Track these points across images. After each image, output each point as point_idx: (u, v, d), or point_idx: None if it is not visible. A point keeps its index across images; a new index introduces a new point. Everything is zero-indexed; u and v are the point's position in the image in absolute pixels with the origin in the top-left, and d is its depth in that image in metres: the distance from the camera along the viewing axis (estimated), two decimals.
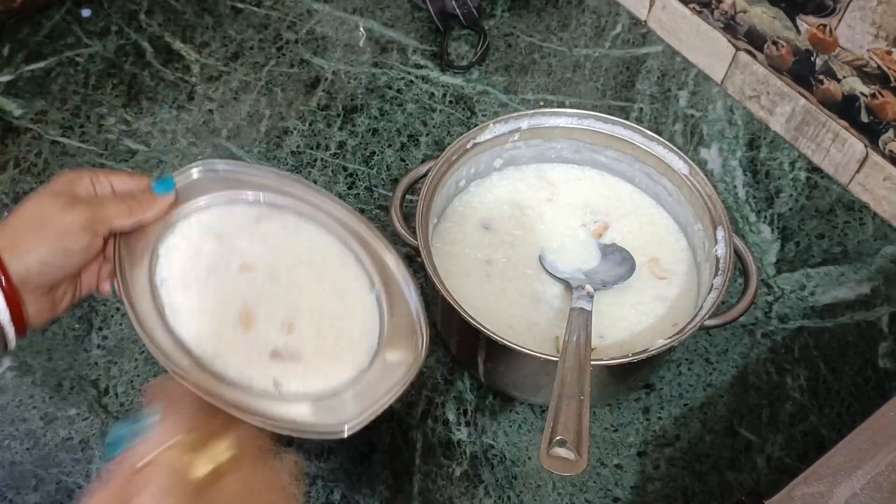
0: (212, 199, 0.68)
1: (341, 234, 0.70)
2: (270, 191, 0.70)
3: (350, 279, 0.68)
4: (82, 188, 0.61)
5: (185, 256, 0.65)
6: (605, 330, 0.76)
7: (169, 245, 0.65)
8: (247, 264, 0.66)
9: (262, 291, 0.65)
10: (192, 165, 0.69)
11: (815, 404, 0.79)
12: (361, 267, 0.69)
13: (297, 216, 0.70)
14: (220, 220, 0.68)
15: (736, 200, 0.92)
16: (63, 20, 1.04)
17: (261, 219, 0.69)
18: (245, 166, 0.70)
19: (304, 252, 0.68)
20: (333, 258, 0.69)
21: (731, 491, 0.74)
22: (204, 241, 0.66)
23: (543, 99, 1.00)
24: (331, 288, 0.67)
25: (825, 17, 0.87)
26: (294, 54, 1.02)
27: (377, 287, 0.68)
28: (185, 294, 0.63)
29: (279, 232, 0.69)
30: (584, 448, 0.60)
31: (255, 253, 0.67)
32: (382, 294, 0.68)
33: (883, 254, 0.88)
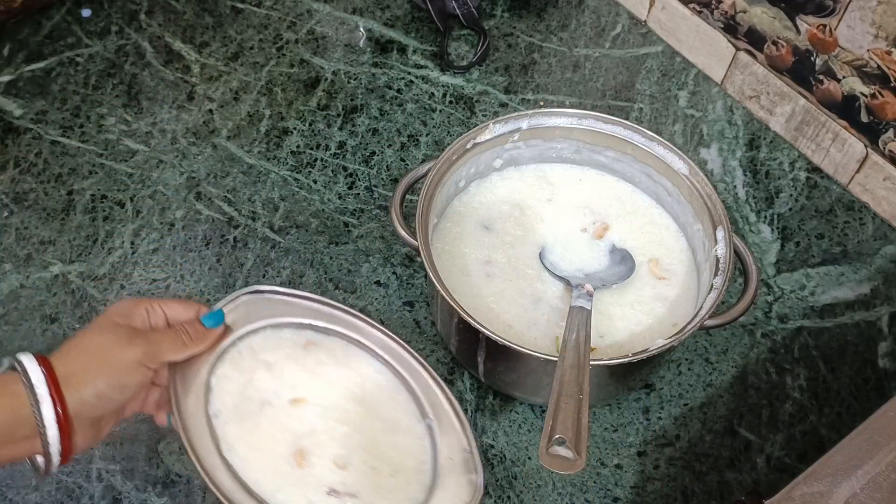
0: (259, 324, 0.70)
1: (388, 361, 0.71)
2: (316, 315, 0.71)
3: (401, 410, 0.69)
4: (138, 319, 0.62)
5: (237, 387, 0.66)
6: (605, 330, 0.76)
7: (220, 375, 0.66)
8: (298, 398, 0.67)
9: (315, 427, 0.66)
10: (240, 292, 0.70)
11: (815, 404, 0.79)
12: (411, 396, 0.70)
13: (345, 342, 0.71)
14: (269, 348, 0.69)
15: (736, 200, 0.92)
16: (63, 20, 1.04)
17: (309, 345, 0.71)
18: (290, 291, 0.72)
19: (354, 383, 0.70)
20: (383, 388, 0.70)
21: (730, 491, 0.74)
22: (254, 371, 0.68)
23: (543, 99, 1.00)
24: (382, 421, 0.68)
25: (825, 17, 0.87)
26: (294, 54, 1.02)
27: (429, 416, 0.69)
28: (239, 427, 0.64)
29: (328, 360, 0.70)
30: (582, 447, 0.60)
31: (306, 385, 0.68)
32: (434, 424, 0.69)
33: (883, 254, 0.88)
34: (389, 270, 0.86)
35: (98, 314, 0.81)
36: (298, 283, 0.84)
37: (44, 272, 0.84)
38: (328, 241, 0.87)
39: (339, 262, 0.86)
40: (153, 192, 0.90)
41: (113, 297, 0.82)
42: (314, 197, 0.90)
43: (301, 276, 0.85)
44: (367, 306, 0.83)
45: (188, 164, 0.92)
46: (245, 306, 0.70)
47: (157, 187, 0.90)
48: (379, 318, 0.82)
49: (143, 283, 0.84)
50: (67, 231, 0.87)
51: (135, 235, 0.87)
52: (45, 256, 0.85)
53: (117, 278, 0.84)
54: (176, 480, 0.73)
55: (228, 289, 0.84)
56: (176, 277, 0.84)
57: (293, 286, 0.84)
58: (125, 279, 0.84)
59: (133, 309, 0.62)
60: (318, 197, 0.90)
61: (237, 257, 0.86)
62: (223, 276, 0.84)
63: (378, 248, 0.87)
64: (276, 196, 0.90)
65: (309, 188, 0.91)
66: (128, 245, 0.86)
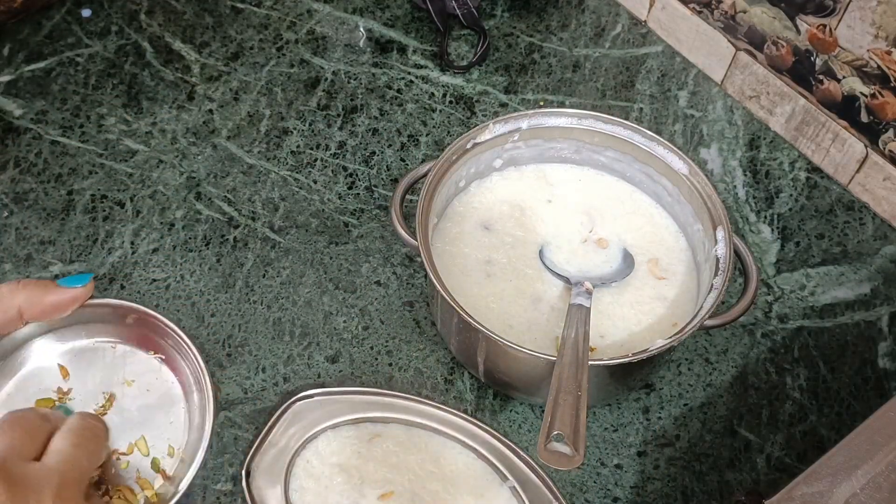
0: (317, 429, 0.71)
1: (451, 435, 0.72)
2: (368, 407, 0.73)
3: (481, 478, 0.71)
4: None
5: (319, 498, 0.67)
6: (604, 330, 0.76)
7: (297, 488, 0.68)
8: (385, 493, 0.69)
9: None
10: (290, 401, 0.72)
11: (815, 404, 0.79)
12: (485, 462, 0.71)
13: (404, 427, 0.73)
14: (336, 450, 0.71)
15: (736, 200, 0.92)
16: (63, 20, 1.04)
17: (374, 438, 0.72)
18: (339, 389, 0.74)
19: (430, 463, 0.71)
20: (457, 461, 0.72)
21: (730, 491, 0.74)
22: (331, 477, 0.69)
23: (543, 99, 1.00)
24: (469, 493, 0.69)
25: (825, 17, 0.87)
26: (294, 54, 1.02)
27: (509, 479, 0.70)
28: None
29: (396, 448, 0.72)
30: (580, 443, 0.61)
31: (387, 479, 0.69)
32: (516, 485, 0.70)
33: (883, 254, 0.88)
34: (389, 270, 0.86)
35: None
36: (298, 283, 0.84)
37: (44, 272, 0.84)
38: (328, 241, 0.87)
39: (339, 262, 0.86)
40: (153, 192, 0.90)
41: (113, 297, 0.82)
42: (314, 197, 0.90)
43: (301, 276, 0.85)
44: (367, 306, 0.83)
45: (188, 164, 0.92)
46: (298, 414, 0.73)
47: (157, 187, 0.90)
48: (379, 318, 0.82)
49: (143, 283, 0.84)
50: (67, 231, 0.87)
51: (135, 235, 0.87)
52: (45, 256, 0.85)
53: (117, 278, 0.84)
54: None
55: (228, 289, 0.84)
56: (176, 277, 0.84)
57: (293, 286, 0.84)
58: (125, 279, 0.84)
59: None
60: (318, 197, 0.90)
61: (237, 257, 0.86)
62: (223, 276, 0.84)
63: (378, 248, 0.87)
64: (276, 196, 0.90)
65: (309, 188, 0.91)
66: (128, 245, 0.86)
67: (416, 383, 0.78)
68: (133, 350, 0.61)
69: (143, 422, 0.59)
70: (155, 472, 0.58)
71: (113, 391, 0.60)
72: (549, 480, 0.71)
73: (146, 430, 0.59)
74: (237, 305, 0.83)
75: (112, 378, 0.60)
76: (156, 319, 0.61)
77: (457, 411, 0.73)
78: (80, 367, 0.60)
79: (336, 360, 0.80)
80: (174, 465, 0.58)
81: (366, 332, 0.82)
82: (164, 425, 0.59)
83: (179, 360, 0.61)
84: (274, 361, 0.80)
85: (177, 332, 0.61)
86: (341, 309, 0.83)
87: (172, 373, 0.61)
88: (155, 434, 0.59)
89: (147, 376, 0.61)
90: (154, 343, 0.62)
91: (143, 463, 0.58)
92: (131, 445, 0.59)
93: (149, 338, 0.61)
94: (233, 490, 0.72)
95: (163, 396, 0.60)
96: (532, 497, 0.70)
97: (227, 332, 0.81)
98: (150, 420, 0.60)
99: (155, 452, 0.59)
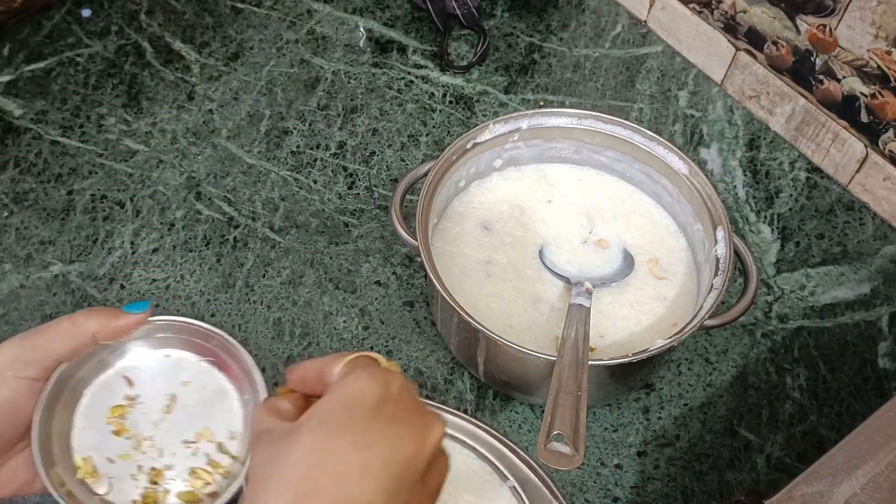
0: None
1: (449, 433, 0.71)
2: None
3: (480, 476, 0.70)
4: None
5: None
6: (604, 330, 0.76)
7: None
8: None
9: None
10: None
11: (815, 404, 0.79)
12: (485, 461, 0.71)
13: None
14: None
15: (736, 200, 0.92)
16: (63, 20, 1.04)
17: None
18: None
19: None
20: (457, 461, 0.70)
21: (730, 491, 0.74)
22: None
23: (543, 99, 1.00)
24: (469, 492, 0.69)
25: (825, 17, 0.87)
26: (294, 54, 1.02)
27: (509, 479, 0.69)
28: None
29: None
30: (580, 443, 0.61)
31: None
32: (515, 484, 0.69)
33: (883, 254, 0.88)
34: (389, 270, 0.86)
35: None
36: (298, 283, 0.84)
37: (44, 272, 0.84)
38: (328, 241, 0.87)
39: (339, 262, 0.86)
40: (153, 192, 0.90)
41: (113, 297, 0.82)
42: (314, 197, 0.90)
43: (301, 276, 0.85)
44: (367, 306, 0.83)
45: (188, 164, 0.92)
46: None
47: (157, 187, 0.90)
48: (379, 318, 0.82)
49: (143, 283, 0.84)
50: (67, 231, 0.87)
51: (135, 235, 0.87)
52: (45, 256, 0.85)
53: (117, 278, 0.84)
54: None
55: (228, 289, 0.84)
56: (176, 277, 0.84)
57: (293, 286, 0.84)
58: (125, 279, 0.84)
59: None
60: (318, 197, 0.90)
61: (237, 257, 0.86)
62: (223, 276, 0.84)
63: (378, 248, 0.87)
64: (276, 196, 0.90)
65: (309, 188, 0.91)
66: (128, 245, 0.86)
67: (416, 383, 0.78)
68: (185, 356, 0.70)
69: (205, 415, 0.67)
70: (222, 454, 0.66)
71: (174, 393, 0.68)
72: (549, 480, 0.71)
73: (208, 421, 0.67)
74: (237, 305, 0.83)
75: (171, 382, 0.68)
76: (201, 328, 0.70)
77: (457, 411, 0.73)
78: (142, 376, 0.68)
79: None
80: (238, 446, 0.67)
81: (366, 332, 0.82)
82: (222, 415, 0.68)
83: (227, 359, 0.69)
84: (274, 361, 0.80)
85: (223, 336, 0.69)
86: (341, 309, 0.83)
87: (222, 371, 0.69)
88: (217, 423, 0.67)
89: (200, 377, 0.69)
90: (202, 348, 0.70)
91: (210, 448, 0.66)
92: (198, 434, 0.67)
93: (197, 343, 0.70)
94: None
95: (216, 392, 0.69)
96: (532, 497, 0.70)
97: (226, 331, 0.81)
98: (210, 412, 0.68)
99: (219, 438, 0.67)
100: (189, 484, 0.65)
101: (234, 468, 0.66)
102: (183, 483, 0.65)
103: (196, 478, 0.66)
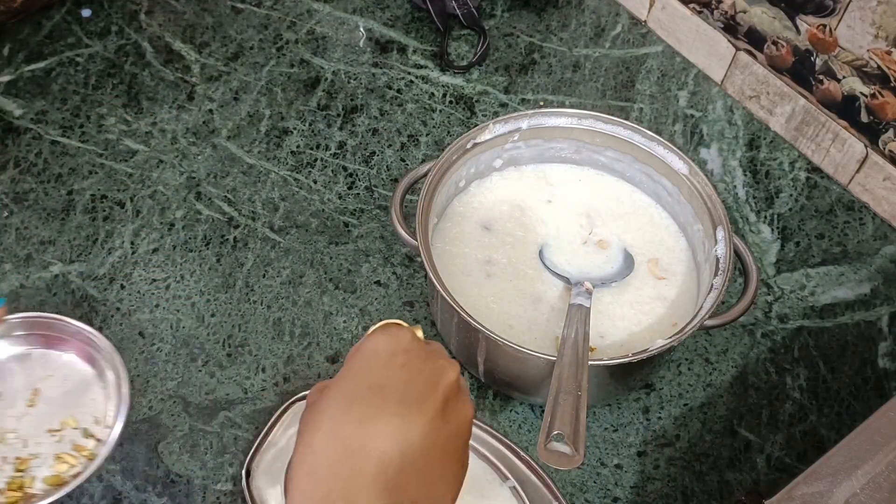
0: None
1: None
2: None
3: (480, 476, 0.70)
4: None
5: None
6: (604, 330, 0.76)
7: None
8: None
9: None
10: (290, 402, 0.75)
11: (815, 404, 0.79)
12: (485, 461, 0.71)
13: None
14: None
15: (736, 200, 0.92)
16: (63, 20, 1.04)
17: None
18: None
19: None
20: None
21: (730, 491, 0.74)
22: None
23: (543, 99, 1.00)
24: (468, 492, 0.68)
25: (825, 17, 0.87)
26: (294, 54, 1.02)
27: (509, 479, 0.70)
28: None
29: None
30: (581, 442, 0.61)
31: None
32: (516, 484, 0.69)
33: (883, 254, 0.88)
34: (389, 270, 0.86)
35: (98, 314, 0.81)
36: (298, 283, 0.84)
37: (44, 272, 0.84)
38: (328, 241, 0.87)
39: (339, 262, 0.86)
40: (153, 192, 0.90)
41: (113, 297, 0.82)
42: (314, 197, 0.90)
43: (301, 276, 0.85)
44: (367, 306, 0.83)
45: (188, 164, 0.92)
46: (298, 414, 0.73)
47: (157, 187, 0.90)
48: (380, 318, 0.82)
49: (143, 283, 0.84)
50: (67, 231, 0.87)
51: (135, 235, 0.87)
52: (45, 256, 0.85)
53: (117, 278, 0.84)
54: (176, 480, 0.73)
55: (228, 289, 0.84)
56: (176, 277, 0.84)
57: (293, 286, 0.84)
58: (125, 279, 0.84)
59: None
60: (318, 197, 0.90)
61: (237, 257, 0.86)
62: (223, 276, 0.84)
63: (378, 248, 0.87)
64: (276, 196, 0.90)
65: (309, 188, 0.91)
66: (128, 245, 0.86)
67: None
68: (46, 352, 0.77)
69: (69, 404, 0.74)
70: (87, 438, 0.73)
71: (37, 387, 0.75)
72: (549, 480, 0.71)
73: (72, 409, 0.74)
74: (237, 305, 0.83)
75: (32, 377, 0.75)
76: (64, 322, 0.76)
77: None
78: (4, 374, 0.75)
79: (336, 360, 0.80)
80: (101, 430, 0.73)
81: (366, 332, 0.81)
82: (87, 403, 0.74)
83: (90, 350, 0.76)
84: (274, 361, 0.80)
85: (83, 327, 0.76)
86: (341, 309, 0.83)
87: (84, 362, 0.76)
88: (81, 411, 0.74)
89: (63, 369, 0.76)
90: (64, 341, 0.76)
91: (76, 434, 0.73)
92: (63, 422, 0.73)
93: (58, 337, 0.76)
94: (233, 490, 0.72)
95: (80, 382, 0.75)
96: (532, 497, 0.70)
97: (227, 332, 0.81)
98: (74, 402, 0.74)
99: (84, 424, 0.73)
100: (54, 469, 0.71)
101: (99, 449, 0.71)
102: (48, 469, 0.71)
103: (61, 462, 0.71)
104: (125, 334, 0.80)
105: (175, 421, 0.76)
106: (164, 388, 0.77)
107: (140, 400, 0.76)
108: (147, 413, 0.76)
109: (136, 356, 0.79)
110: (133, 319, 0.81)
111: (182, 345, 0.80)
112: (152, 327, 0.81)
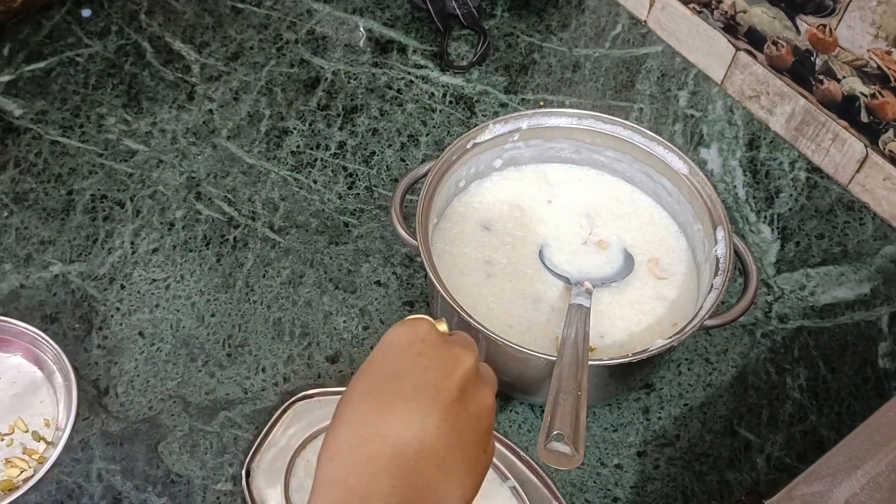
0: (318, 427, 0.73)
1: None
2: None
3: None
4: None
5: None
6: (604, 330, 0.76)
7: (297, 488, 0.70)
8: None
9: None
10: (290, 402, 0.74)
11: (815, 404, 0.79)
12: None
13: None
14: None
15: (736, 200, 0.92)
16: (63, 20, 1.04)
17: None
18: (337, 389, 0.75)
19: None
20: None
21: (730, 491, 0.74)
22: None
23: (543, 99, 1.00)
24: None
25: (825, 17, 0.87)
26: (294, 54, 1.02)
27: (510, 478, 0.70)
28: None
29: None
30: (580, 443, 0.61)
31: None
32: (516, 484, 0.69)
33: (883, 254, 0.88)
34: (389, 270, 0.86)
35: (98, 314, 0.81)
36: (298, 283, 0.84)
37: (44, 272, 0.84)
38: (328, 241, 0.87)
39: (339, 262, 0.86)
40: (153, 192, 0.90)
41: (113, 297, 0.82)
42: (314, 197, 0.90)
43: (301, 276, 0.85)
44: (367, 306, 0.83)
45: (188, 164, 0.92)
46: (298, 414, 0.73)
47: (157, 187, 0.90)
48: (380, 318, 0.82)
49: (143, 283, 0.84)
50: (67, 231, 0.87)
51: (135, 235, 0.87)
52: (45, 256, 0.85)
53: (117, 278, 0.84)
54: (176, 480, 0.73)
55: (228, 289, 0.84)
56: (176, 277, 0.84)
57: (293, 286, 0.84)
58: (125, 279, 0.84)
59: None
60: (318, 197, 0.90)
61: (237, 257, 0.86)
62: (223, 276, 0.84)
63: (378, 248, 0.87)
64: (276, 196, 0.90)
65: (309, 188, 0.91)
66: (128, 245, 0.86)
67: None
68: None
69: (17, 407, 0.73)
70: (37, 441, 0.72)
71: None
72: (549, 480, 0.71)
73: (20, 412, 0.73)
74: (237, 305, 0.83)
75: None
76: (9, 324, 0.75)
77: None
78: None
79: (336, 360, 0.80)
80: (52, 433, 0.72)
81: (366, 332, 0.82)
82: (35, 406, 0.74)
83: (37, 352, 0.75)
84: (274, 361, 0.80)
85: (31, 329, 0.75)
86: (341, 309, 0.83)
87: (33, 364, 0.76)
88: (30, 413, 0.73)
89: (10, 372, 0.75)
90: (11, 344, 0.76)
91: (25, 437, 0.72)
92: (12, 426, 0.73)
93: (3, 340, 0.76)
94: (233, 490, 0.72)
95: (28, 385, 0.75)
96: (532, 497, 0.70)
97: (227, 332, 0.81)
98: (22, 404, 0.74)
99: (33, 427, 0.73)
100: (5, 474, 0.70)
101: (49, 452, 0.71)
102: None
103: (11, 466, 0.70)
104: (125, 334, 0.80)
105: (175, 421, 0.76)
106: (164, 388, 0.77)
107: (140, 400, 0.77)
108: (147, 413, 0.76)
109: (136, 356, 0.79)
110: (133, 319, 0.81)
111: (182, 345, 0.80)
112: (152, 327, 0.81)
